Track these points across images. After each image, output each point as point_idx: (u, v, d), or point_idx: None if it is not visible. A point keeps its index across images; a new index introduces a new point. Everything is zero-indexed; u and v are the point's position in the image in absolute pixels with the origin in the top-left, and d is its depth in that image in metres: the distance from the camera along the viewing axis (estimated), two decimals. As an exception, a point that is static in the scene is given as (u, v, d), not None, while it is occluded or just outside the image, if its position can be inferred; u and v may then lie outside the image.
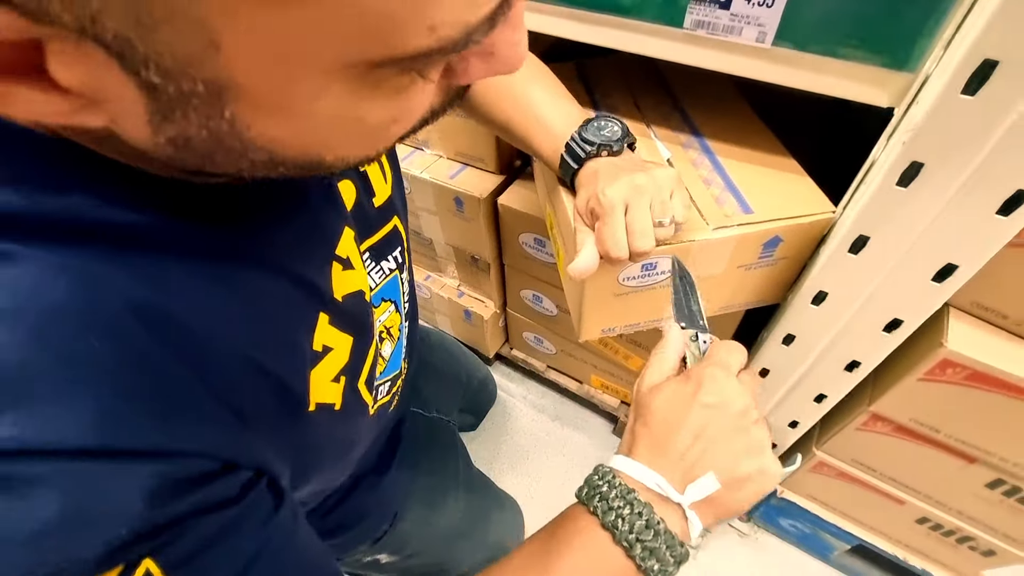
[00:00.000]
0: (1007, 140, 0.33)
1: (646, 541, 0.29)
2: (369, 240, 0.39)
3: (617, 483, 0.30)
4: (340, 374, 0.31)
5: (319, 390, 0.28)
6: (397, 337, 0.46)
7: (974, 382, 0.51)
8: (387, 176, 0.40)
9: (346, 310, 0.31)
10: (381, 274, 0.42)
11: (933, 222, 0.38)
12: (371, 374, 0.35)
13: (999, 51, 0.30)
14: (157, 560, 0.19)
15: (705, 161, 0.54)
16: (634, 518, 0.29)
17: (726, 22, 0.44)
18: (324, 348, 0.29)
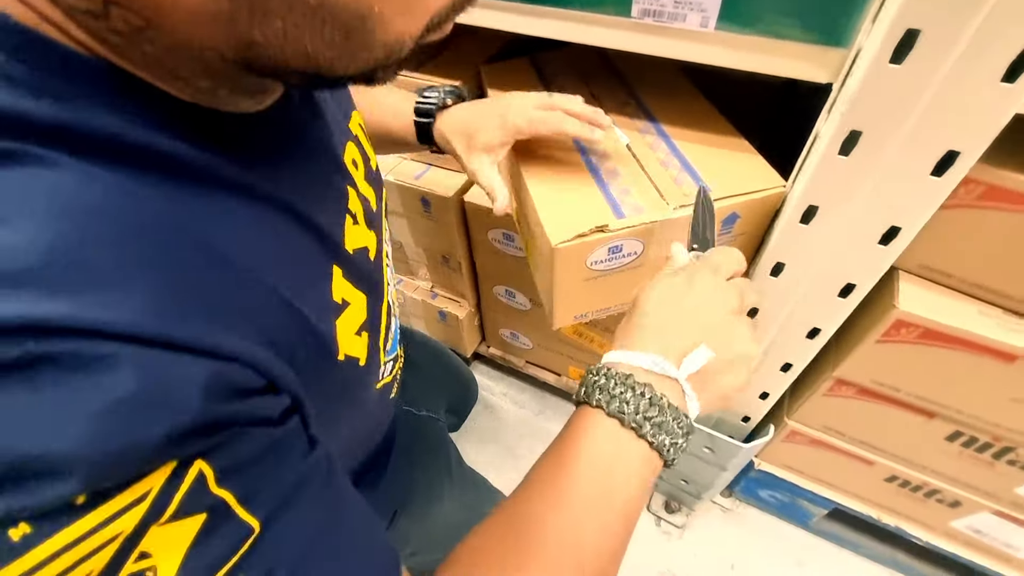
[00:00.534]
0: (934, 104, 0.35)
1: (653, 418, 0.29)
2: (384, 204, 0.40)
3: (613, 373, 0.31)
4: (362, 329, 0.31)
5: (346, 341, 0.29)
6: (395, 316, 0.47)
7: (927, 339, 0.53)
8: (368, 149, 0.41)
9: (357, 265, 0.32)
10: (389, 243, 0.43)
11: (874, 187, 0.41)
12: (385, 338, 0.36)
13: (920, 20, 0.32)
14: (210, 462, 0.19)
15: (662, 144, 0.55)
16: (637, 399, 0.29)
17: (671, 9, 0.46)
18: (343, 301, 0.30)
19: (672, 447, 0.30)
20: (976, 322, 0.51)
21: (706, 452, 0.78)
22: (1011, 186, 0.44)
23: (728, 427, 0.77)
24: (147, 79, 0.21)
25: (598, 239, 0.47)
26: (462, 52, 0.75)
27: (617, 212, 0.48)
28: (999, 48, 0.31)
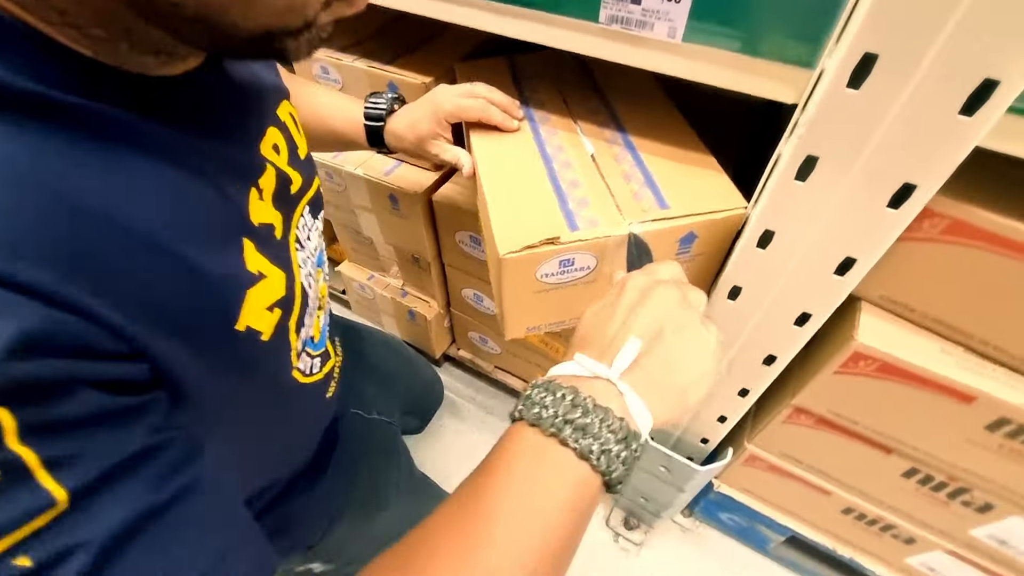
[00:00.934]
0: (891, 133, 0.33)
1: (575, 420, 0.26)
2: (310, 192, 0.40)
3: (540, 382, 0.29)
4: (276, 306, 0.31)
5: (253, 313, 0.28)
6: (325, 311, 0.46)
7: (885, 374, 0.52)
8: (301, 133, 0.41)
9: (266, 240, 0.31)
10: (317, 233, 0.43)
11: (831, 216, 0.39)
12: (300, 320, 0.35)
13: (878, 45, 0.30)
14: (14, 412, 0.17)
15: (628, 156, 0.54)
16: (558, 402, 0.27)
17: (639, 17, 0.44)
18: (259, 273, 0.29)
19: (604, 455, 0.26)
20: (936, 360, 0.50)
21: (662, 471, 0.76)
22: (977, 223, 0.43)
23: (687, 447, 0.75)
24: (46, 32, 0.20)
25: (549, 251, 0.45)
26: (438, 48, 0.73)
27: (571, 224, 0.46)
28: (957, 79, 0.29)
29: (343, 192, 0.83)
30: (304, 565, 0.58)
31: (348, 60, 0.70)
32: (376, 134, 0.55)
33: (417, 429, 1.06)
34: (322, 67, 0.73)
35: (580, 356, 0.30)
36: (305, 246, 0.39)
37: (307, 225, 0.40)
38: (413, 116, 0.54)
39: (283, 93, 0.40)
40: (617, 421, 0.27)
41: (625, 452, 0.27)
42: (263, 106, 0.36)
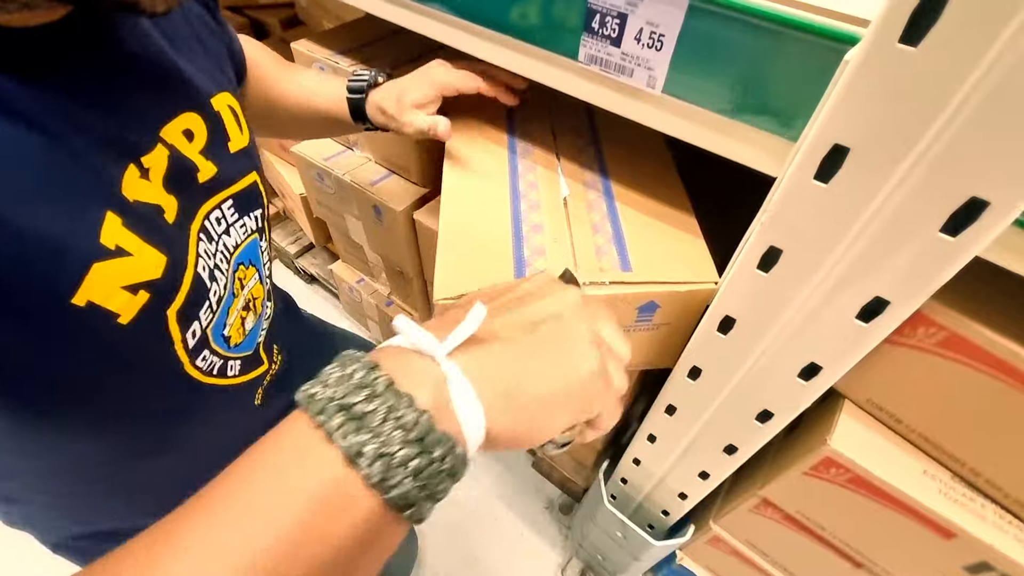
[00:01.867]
0: (863, 239, 0.28)
1: (352, 405, 0.19)
2: (234, 186, 0.38)
3: (345, 354, 0.21)
4: (143, 288, 0.28)
5: (101, 289, 0.26)
6: (259, 314, 0.44)
7: (856, 486, 0.46)
8: (243, 129, 0.40)
9: (144, 219, 0.29)
10: (245, 231, 0.41)
11: (794, 316, 0.34)
12: (185, 312, 0.32)
13: (849, 136, 0.26)
14: None
15: (602, 205, 0.50)
16: (343, 380, 0.19)
17: (617, 61, 0.40)
18: (117, 248, 0.27)
19: (379, 459, 0.18)
20: (916, 483, 0.43)
21: (618, 536, 0.71)
22: (978, 341, 0.37)
23: (649, 515, 0.70)
24: None
25: (486, 303, 0.41)
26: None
27: (519, 275, 0.42)
28: (938, 194, 0.24)
29: (334, 195, 0.81)
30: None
31: (346, 64, 0.68)
32: (359, 108, 0.52)
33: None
34: (320, 67, 0.71)
35: (402, 321, 0.22)
36: (216, 239, 0.37)
37: (225, 219, 0.38)
38: (401, 86, 0.51)
39: (225, 85, 0.39)
40: (415, 414, 0.19)
41: (418, 460, 0.18)
42: (175, 88, 0.34)
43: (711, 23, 0.34)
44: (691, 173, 0.55)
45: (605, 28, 0.39)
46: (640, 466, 0.62)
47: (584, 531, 0.86)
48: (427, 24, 0.52)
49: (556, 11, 0.41)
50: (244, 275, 0.41)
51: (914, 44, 0.22)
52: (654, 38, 0.37)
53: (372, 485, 0.18)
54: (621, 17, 0.38)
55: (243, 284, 0.41)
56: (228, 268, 0.38)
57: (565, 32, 0.41)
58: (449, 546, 0.95)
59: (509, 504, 1.00)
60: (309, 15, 1.12)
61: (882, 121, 0.24)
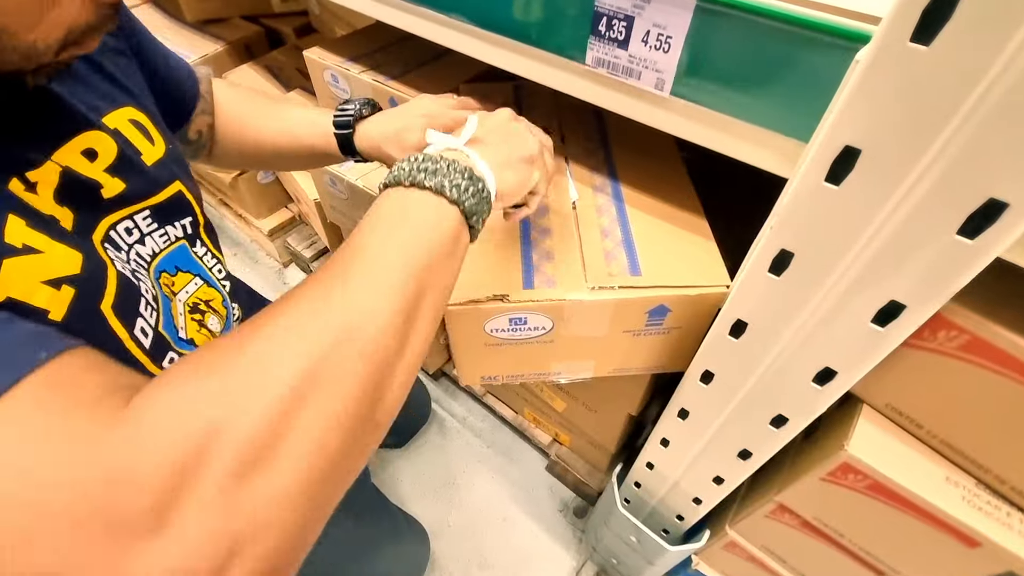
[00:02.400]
0: (876, 242, 0.27)
1: (427, 167, 0.31)
2: (152, 198, 0.40)
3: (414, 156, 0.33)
4: (63, 282, 0.30)
5: (16, 284, 0.27)
6: (225, 315, 0.47)
7: (875, 493, 0.45)
8: (155, 141, 0.41)
9: (46, 222, 0.31)
10: (166, 239, 0.42)
11: (807, 320, 0.33)
12: (123, 304, 0.34)
13: (860, 139, 0.25)
14: None
15: (611, 209, 0.49)
16: (411, 163, 0.32)
17: (625, 63, 0.40)
18: (25, 246, 0.28)
19: (455, 188, 0.31)
20: (938, 490, 0.42)
21: (632, 540, 0.71)
22: (1000, 344, 0.35)
23: (663, 520, 0.69)
24: None
25: (496, 308, 0.41)
26: (446, 67, 0.71)
27: (527, 281, 0.42)
28: (955, 195, 0.24)
29: (346, 200, 0.82)
30: None
31: (356, 71, 0.69)
32: (346, 143, 0.52)
33: (396, 445, 1.04)
34: (332, 75, 0.72)
35: (431, 132, 0.37)
36: (127, 248, 0.38)
37: (138, 228, 0.39)
38: (397, 125, 0.50)
39: (121, 101, 0.40)
40: (462, 165, 0.32)
41: (472, 187, 0.32)
42: (65, 113, 0.36)
43: (718, 24, 0.34)
44: (703, 174, 0.54)
45: (612, 31, 0.39)
46: (654, 470, 0.62)
47: (598, 535, 0.85)
48: (434, 30, 0.52)
49: (562, 15, 0.41)
50: (172, 282, 0.42)
51: (926, 43, 0.21)
52: (661, 40, 0.37)
53: (453, 201, 0.31)
54: (628, 20, 0.37)
55: (174, 292, 0.41)
56: (148, 275, 0.39)
57: (572, 35, 0.41)
58: (462, 548, 0.95)
59: (523, 506, 1.00)
60: (322, 23, 1.13)
61: (894, 122, 0.23)
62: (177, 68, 0.50)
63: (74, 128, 0.36)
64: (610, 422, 0.78)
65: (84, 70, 0.38)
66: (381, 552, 0.72)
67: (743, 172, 0.40)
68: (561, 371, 0.51)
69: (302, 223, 1.41)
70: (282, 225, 1.39)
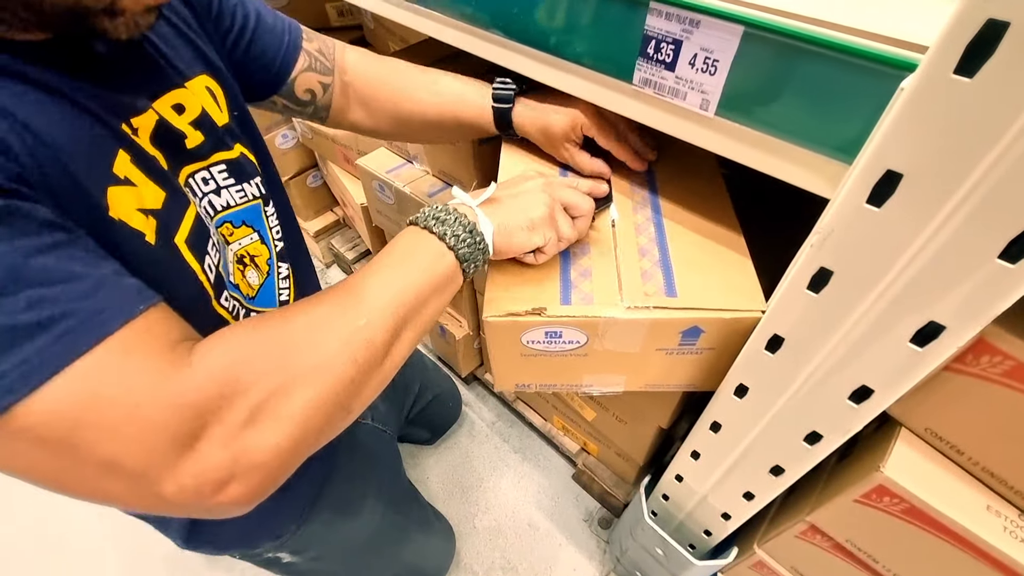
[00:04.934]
0: (917, 263, 0.28)
1: (439, 216, 0.40)
2: (222, 153, 0.45)
3: (436, 205, 0.41)
4: (149, 213, 0.35)
5: (120, 207, 0.33)
6: (267, 272, 0.50)
7: (912, 518, 0.44)
8: (222, 108, 0.46)
9: (147, 160, 0.36)
10: (243, 196, 0.47)
11: (845, 337, 0.34)
12: (196, 241, 0.39)
13: (903, 163, 0.26)
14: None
15: (650, 228, 0.51)
16: (431, 210, 0.41)
17: (671, 84, 0.41)
18: (126, 179, 0.34)
19: (454, 237, 0.39)
20: (979, 519, 0.41)
21: (659, 553, 0.71)
22: (1048, 372, 0.35)
23: (690, 535, 0.69)
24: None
25: (534, 321, 0.43)
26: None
27: (565, 297, 0.44)
28: (997, 219, 0.24)
29: (393, 205, 0.86)
30: (273, 553, 0.60)
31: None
32: (504, 117, 0.55)
33: (428, 441, 1.07)
34: (388, 88, 0.76)
35: (456, 190, 0.43)
36: (200, 198, 0.43)
37: (214, 179, 0.44)
38: (545, 120, 0.54)
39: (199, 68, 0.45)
40: (468, 220, 0.40)
41: (470, 239, 0.40)
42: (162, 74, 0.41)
43: (765, 49, 0.35)
44: (741, 190, 0.55)
45: (660, 53, 0.40)
46: (683, 483, 0.62)
47: (623, 546, 0.86)
48: (485, 47, 0.54)
49: (613, 37, 0.43)
50: (232, 231, 0.47)
51: (969, 76, 0.22)
52: (708, 63, 0.38)
53: (450, 247, 0.39)
54: (676, 43, 0.39)
55: (227, 241, 0.46)
56: (211, 223, 0.44)
57: (620, 57, 0.43)
58: (488, 550, 0.96)
59: (548, 514, 1.01)
60: (376, 37, 1.19)
61: (936, 149, 0.24)
62: (273, 24, 0.53)
63: (168, 84, 0.41)
64: (640, 434, 0.78)
65: (172, 36, 0.43)
66: (411, 540, 0.74)
67: (782, 190, 0.41)
68: (593, 383, 0.52)
69: (346, 226, 1.47)
70: (327, 227, 1.45)
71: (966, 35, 0.22)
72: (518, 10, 0.49)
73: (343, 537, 0.64)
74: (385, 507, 0.69)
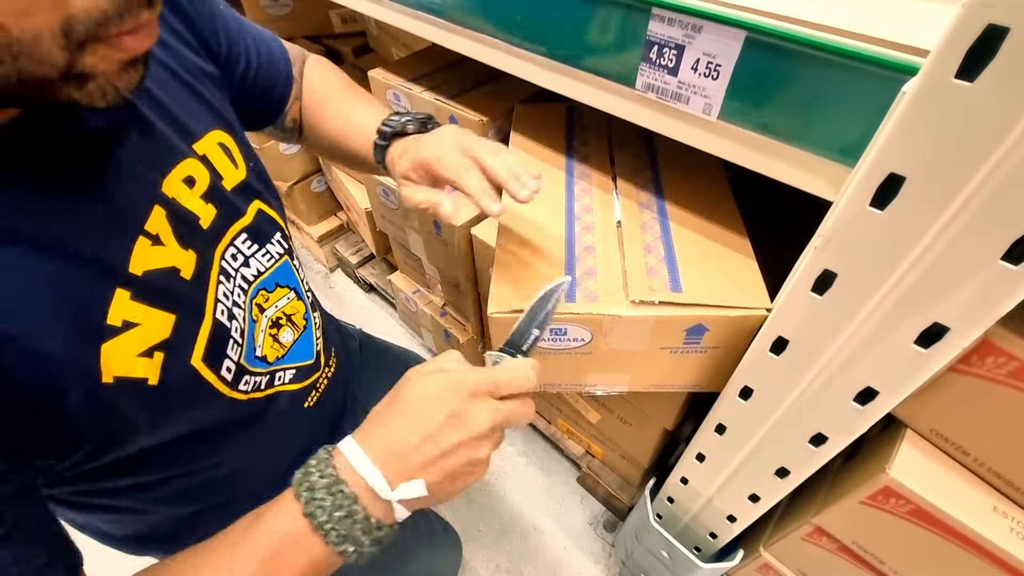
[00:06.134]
0: (921, 265, 0.28)
1: (341, 530, 0.30)
2: (240, 222, 0.41)
3: (329, 472, 0.31)
4: (156, 349, 0.32)
5: (118, 363, 0.29)
6: (303, 327, 0.47)
7: (918, 519, 0.44)
8: (238, 164, 0.42)
9: (154, 286, 0.32)
10: (270, 258, 0.44)
11: (849, 339, 0.34)
12: (214, 352, 0.36)
13: (905, 167, 0.26)
14: None
15: (656, 227, 0.51)
16: (334, 510, 0.30)
17: (674, 89, 0.42)
18: (124, 323, 0.30)
19: (355, 554, 0.31)
20: (985, 519, 0.42)
21: (664, 556, 0.71)
22: (1053, 373, 0.35)
23: (695, 537, 0.69)
24: None
25: (539, 317, 0.44)
26: (504, 87, 0.74)
27: (570, 295, 0.45)
28: (999, 221, 0.25)
29: (397, 210, 0.87)
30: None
31: (418, 91, 0.73)
32: (379, 152, 0.48)
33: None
34: (395, 94, 0.77)
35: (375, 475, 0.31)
36: (234, 274, 0.40)
37: (241, 253, 0.41)
38: (403, 147, 0.46)
39: (211, 124, 0.40)
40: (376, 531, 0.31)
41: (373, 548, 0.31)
42: (174, 142, 0.36)
43: (767, 54, 0.35)
44: (747, 193, 0.55)
45: (663, 59, 0.41)
46: (688, 485, 0.62)
47: (628, 549, 0.85)
48: (489, 53, 0.55)
49: (616, 43, 0.43)
50: (267, 297, 0.43)
51: (970, 79, 0.23)
52: (711, 68, 0.39)
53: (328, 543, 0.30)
54: (679, 48, 0.40)
55: (262, 309, 0.43)
56: (245, 300, 0.41)
57: (623, 62, 0.44)
58: (492, 554, 0.96)
59: (553, 517, 1.01)
60: (379, 44, 1.20)
61: (938, 152, 0.25)
62: (271, 57, 0.49)
63: (178, 154, 0.36)
64: (645, 436, 0.78)
65: (182, 92, 0.39)
66: (416, 554, 0.74)
67: (786, 193, 0.41)
68: (597, 383, 0.52)
69: (350, 231, 1.48)
70: (331, 232, 1.46)
71: (967, 40, 0.22)
72: (521, 17, 0.49)
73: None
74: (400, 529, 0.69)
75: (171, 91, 0.37)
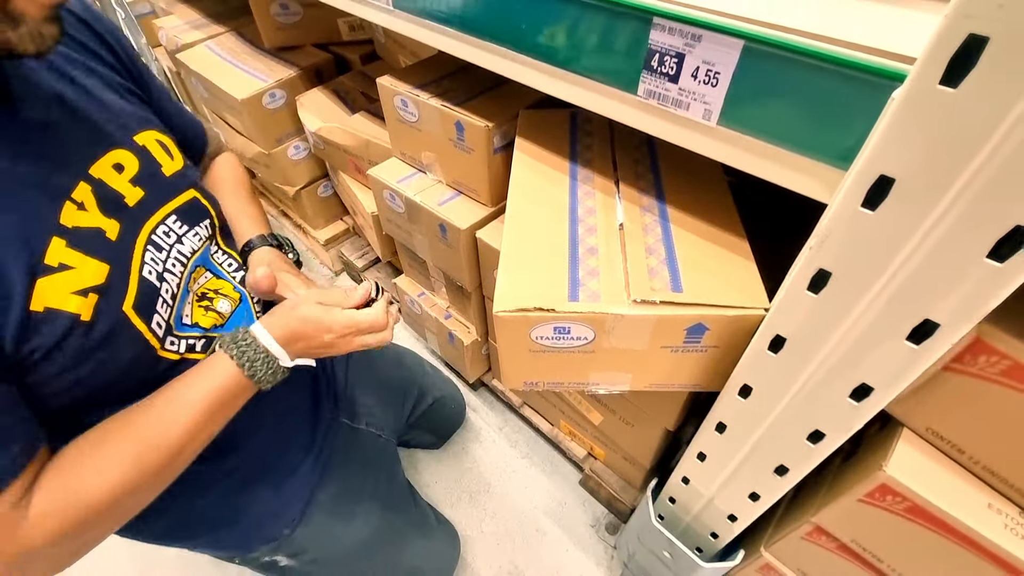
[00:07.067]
0: (911, 264, 0.30)
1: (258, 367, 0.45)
2: (173, 201, 0.49)
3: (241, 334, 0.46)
4: (89, 291, 0.38)
5: (52, 296, 0.36)
6: (238, 297, 0.55)
7: (914, 516, 0.45)
8: (174, 157, 0.51)
9: (84, 238, 0.39)
10: (198, 238, 0.52)
11: (844, 336, 0.35)
12: (145, 304, 0.43)
13: (895, 169, 0.28)
14: None
15: (657, 229, 0.52)
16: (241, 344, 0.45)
17: (675, 95, 0.43)
18: (60, 265, 0.37)
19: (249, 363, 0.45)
20: (980, 516, 0.42)
21: (666, 556, 0.72)
22: (1043, 371, 0.36)
23: (697, 538, 0.70)
24: None
25: (542, 317, 0.45)
26: (509, 93, 0.76)
27: (572, 294, 0.46)
28: (982, 221, 0.26)
29: (403, 214, 0.88)
30: (270, 557, 0.62)
31: (425, 97, 0.75)
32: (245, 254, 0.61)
33: (434, 445, 1.08)
34: (402, 100, 0.79)
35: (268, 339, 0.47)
36: (168, 249, 0.47)
37: (174, 232, 0.49)
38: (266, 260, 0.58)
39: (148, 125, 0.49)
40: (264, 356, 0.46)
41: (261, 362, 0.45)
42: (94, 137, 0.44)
43: (764, 61, 0.37)
44: (747, 197, 0.56)
45: (664, 66, 0.42)
46: (689, 485, 0.63)
47: (630, 550, 0.86)
48: (494, 61, 0.57)
49: (618, 51, 0.45)
50: (200, 275, 0.51)
51: (954, 86, 0.24)
52: (710, 75, 0.40)
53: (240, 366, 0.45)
54: (679, 56, 0.41)
55: (196, 281, 0.50)
56: (184, 272, 0.49)
57: (625, 69, 0.45)
58: (495, 555, 0.97)
59: (555, 519, 1.01)
60: (386, 51, 1.22)
61: (924, 155, 0.26)
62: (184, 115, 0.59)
63: (109, 143, 0.44)
64: (646, 436, 0.79)
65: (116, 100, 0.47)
66: (407, 543, 0.75)
67: (785, 196, 0.42)
68: (599, 382, 0.53)
69: (355, 235, 1.50)
70: (337, 236, 1.47)
71: (949, 49, 0.23)
72: (527, 25, 0.51)
73: (338, 540, 0.65)
74: (381, 510, 0.70)
75: (104, 94, 0.46)
